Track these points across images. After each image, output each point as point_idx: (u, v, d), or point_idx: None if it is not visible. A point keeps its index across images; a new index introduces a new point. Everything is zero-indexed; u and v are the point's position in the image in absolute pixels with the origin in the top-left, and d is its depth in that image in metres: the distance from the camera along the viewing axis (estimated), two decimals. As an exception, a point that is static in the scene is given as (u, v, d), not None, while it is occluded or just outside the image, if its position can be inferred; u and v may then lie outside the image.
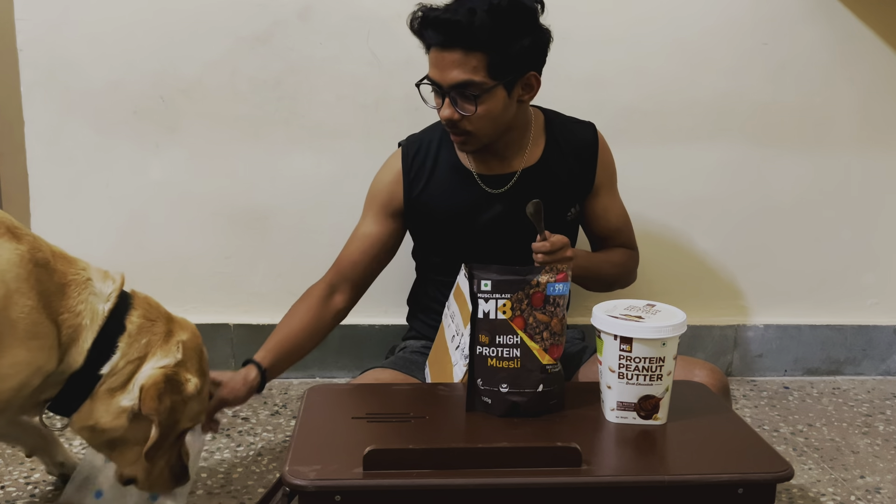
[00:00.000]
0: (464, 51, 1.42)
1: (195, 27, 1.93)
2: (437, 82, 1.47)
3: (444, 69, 1.45)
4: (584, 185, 1.66)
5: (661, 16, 2.01)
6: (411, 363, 1.63)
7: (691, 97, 2.05)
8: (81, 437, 1.27)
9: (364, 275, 1.67)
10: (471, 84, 1.43)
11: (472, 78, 1.43)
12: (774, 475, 1.05)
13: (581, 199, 1.67)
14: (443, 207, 1.62)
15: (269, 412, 1.90)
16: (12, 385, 1.14)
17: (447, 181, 1.62)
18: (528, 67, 1.49)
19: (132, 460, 1.26)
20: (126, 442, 1.24)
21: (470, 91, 1.44)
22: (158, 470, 1.29)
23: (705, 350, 2.19)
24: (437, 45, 1.44)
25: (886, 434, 1.89)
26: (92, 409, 1.21)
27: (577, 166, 1.64)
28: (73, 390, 1.21)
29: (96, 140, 1.96)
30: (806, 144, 2.12)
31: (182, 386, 1.24)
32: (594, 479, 1.03)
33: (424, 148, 1.65)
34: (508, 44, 1.43)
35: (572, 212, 1.65)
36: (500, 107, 1.48)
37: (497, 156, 1.61)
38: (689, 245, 2.15)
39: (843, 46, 2.06)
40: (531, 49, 1.47)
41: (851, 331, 2.23)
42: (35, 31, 1.90)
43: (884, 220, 2.20)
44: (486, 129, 1.50)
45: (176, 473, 1.32)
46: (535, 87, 1.52)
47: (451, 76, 1.44)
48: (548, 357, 1.20)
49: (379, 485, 1.00)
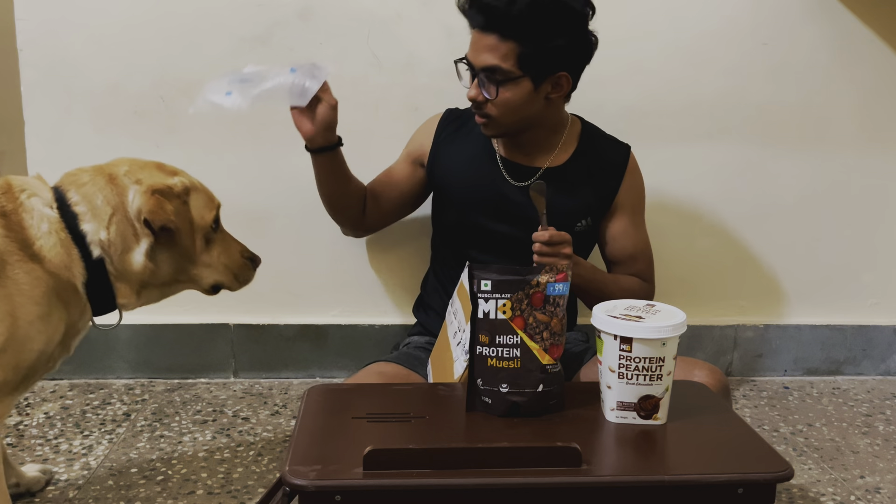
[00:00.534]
0: (499, 36, 1.47)
1: (195, 27, 1.93)
2: (470, 62, 1.53)
3: (479, 51, 1.51)
4: (602, 202, 1.68)
5: (662, 16, 2.01)
6: (414, 358, 1.65)
7: (691, 97, 2.05)
8: (146, 305, 1.34)
9: (385, 198, 1.77)
10: (497, 70, 1.49)
11: (501, 64, 1.48)
12: (774, 475, 1.05)
13: (596, 214, 1.69)
14: (461, 176, 1.68)
15: (269, 412, 1.90)
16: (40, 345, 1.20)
17: (473, 154, 1.68)
18: (560, 67, 1.52)
19: (198, 276, 1.33)
20: (174, 273, 1.32)
21: (496, 76, 1.50)
22: (226, 264, 1.36)
23: (705, 350, 2.19)
24: (478, 26, 1.50)
25: (886, 434, 1.89)
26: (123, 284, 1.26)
27: (600, 181, 1.67)
28: (98, 293, 1.25)
29: (96, 140, 1.96)
30: (806, 144, 2.12)
31: (168, 188, 1.26)
32: (594, 479, 1.03)
33: (464, 118, 1.73)
34: (543, 39, 1.47)
35: (582, 224, 1.67)
36: (523, 98, 1.52)
37: (522, 149, 1.66)
38: (689, 245, 2.15)
39: (843, 46, 2.06)
40: (566, 50, 1.51)
41: (851, 331, 2.23)
42: (35, 31, 1.90)
43: (884, 219, 2.20)
44: (506, 117, 1.55)
45: (248, 254, 1.40)
46: (564, 87, 1.56)
47: (482, 58, 1.50)
48: (548, 357, 1.20)
49: (379, 485, 1.00)
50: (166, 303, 2.11)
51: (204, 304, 2.08)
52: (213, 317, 2.08)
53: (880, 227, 2.20)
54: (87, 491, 1.53)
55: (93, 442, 1.72)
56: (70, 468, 1.61)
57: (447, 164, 1.70)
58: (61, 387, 2.01)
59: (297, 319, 2.09)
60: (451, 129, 1.72)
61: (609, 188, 1.68)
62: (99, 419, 1.84)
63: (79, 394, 1.97)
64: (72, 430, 1.78)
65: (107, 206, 1.24)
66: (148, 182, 1.26)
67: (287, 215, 2.05)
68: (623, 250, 1.71)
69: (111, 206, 1.24)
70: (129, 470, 1.61)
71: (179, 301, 2.06)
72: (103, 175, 1.27)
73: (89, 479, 1.57)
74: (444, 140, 1.72)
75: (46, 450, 1.68)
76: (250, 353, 2.10)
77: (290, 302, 2.10)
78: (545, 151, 1.66)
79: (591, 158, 1.67)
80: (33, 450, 1.68)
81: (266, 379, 2.10)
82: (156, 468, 1.62)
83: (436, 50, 1.95)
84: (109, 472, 1.60)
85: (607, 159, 1.68)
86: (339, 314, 2.10)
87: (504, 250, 1.67)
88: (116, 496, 1.51)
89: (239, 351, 2.09)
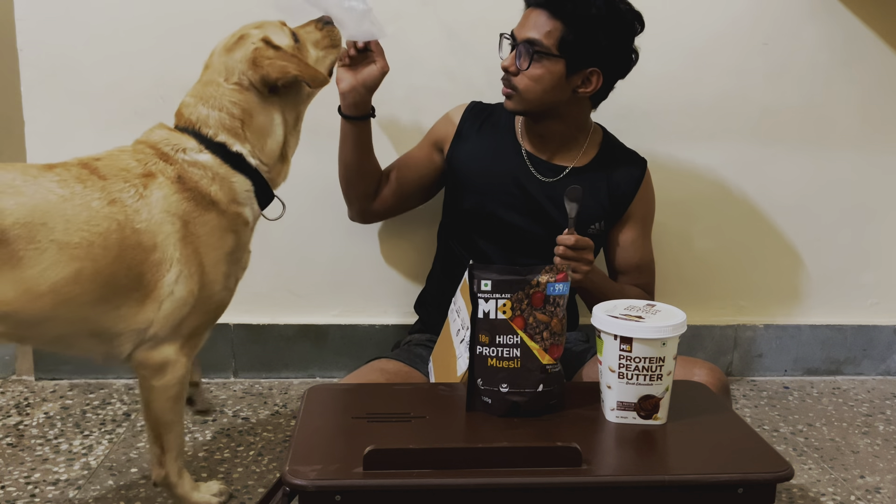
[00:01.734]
0: (549, 14, 1.54)
1: (195, 27, 1.92)
2: (514, 35, 1.59)
3: (527, 25, 1.57)
4: (615, 210, 1.71)
5: (662, 16, 2.00)
6: (416, 356, 1.67)
7: (691, 97, 2.05)
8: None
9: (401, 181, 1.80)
10: (537, 43, 1.54)
11: (543, 39, 1.54)
12: (774, 475, 1.05)
13: (608, 219, 1.72)
14: (483, 163, 1.71)
15: (269, 412, 1.90)
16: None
17: (497, 145, 1.72)
18: (595, 63, 1.57)
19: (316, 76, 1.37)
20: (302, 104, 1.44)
21: (533, 48, 1.54)
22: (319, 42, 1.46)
23: (705, 350, 2.19)
24: (533, 3, 1.57)
25: (886, 434, 1.89)
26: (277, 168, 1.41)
27: (616, 188, 1.70)
28: (260, 193, 1.38)
29: (96, 140, 1.94)
30: (806, 144, 2.11)
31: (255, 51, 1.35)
32: (594, 478, 1.03)
33: (489, 112, 1.76)
34: (587, 31, 1.53)
35: (596, 227, 1.70)
36: (552, 79, 1.56)
37: (547, 145, 1.69)
38: (689, 245, 2.15)
39: (844, 46, 2.06)
40: (606, 50, 1.56)
41: (851, 331, 2.23)
42: (35, 31, 1.90)
43: (884, 220, 2.20)
44: (531, 94, 1.58)
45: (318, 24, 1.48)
46: (594, 84, 1.60)
47: (527, 31, 1.56)
48: (548, 357, 1.20)
49: (379, 485, 1.00)
50: (166, 303, 2.10)
51: (204, 304, 2.09)
52: (213, 317, 2.08)
53: (880, 227, 2.20)
54: (87, 491, 1.53)
55: (93, 442, 1.72)
56: (70, 468, 1.61)
57: (470, 150, 1.73)
58: (61, 387, 2.01)
59: (297, 319, 2.09)
60: (476, 121, 1.75)
61: (624, 196, 1.71)
62: (99, 419, 1.84)
63: (79, 394, 1.97)
64: (72, 430, 1.78)
65: (230, 117, 1.33)
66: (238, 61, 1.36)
67: (287, 215, 2.04)
68: (629, 260, 1.75)
69: (231, 115, 1.33)
70: (129, 470, 1.61)
71: (179, 301, 2.08)
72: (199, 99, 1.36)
73: (89, 478, 1.57)
74: (468, 128, 1.75)
75: (46, 450, 1.68)
76: (250, 353, 2.10)
77: (290, 302, 2.10)
78: (569, 151, 1.70)
79: (609, 165, 1.71)
80: (33, 450, 1.68)
81: (266, 379, 2.10)
82: (156, 468, 1.62)
83: (436, 50, 1.95)
84: (109, 472, 1.60)
85: (625, 169, 1.72)
86: (339, 314, 2.10)
87: (513, 243, 1.70)
88: (116, 496, 1.51)
89: (239, 351, 2.09)
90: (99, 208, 1.21)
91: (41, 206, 1.17)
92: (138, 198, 1.24)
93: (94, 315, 1.22)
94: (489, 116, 1.75)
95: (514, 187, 1.69)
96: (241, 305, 2.08)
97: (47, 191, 1.19)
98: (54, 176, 1.21)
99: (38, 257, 1.15)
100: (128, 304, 1.24)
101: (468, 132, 1.74)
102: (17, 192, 1.17)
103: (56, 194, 1.19)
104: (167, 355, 1.29)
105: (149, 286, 1.24)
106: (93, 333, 1.25)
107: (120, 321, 1.24)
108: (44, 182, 1.20)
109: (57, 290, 1.17)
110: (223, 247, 1.32)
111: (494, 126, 1.74)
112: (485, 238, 1.72)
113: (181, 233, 1.25)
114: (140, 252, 1.22)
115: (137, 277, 1.23)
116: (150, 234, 1.23)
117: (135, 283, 1.23)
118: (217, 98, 1.34)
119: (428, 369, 1.57)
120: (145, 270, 1.23)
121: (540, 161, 1.69)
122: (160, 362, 1.29)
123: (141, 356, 1.28)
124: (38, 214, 1.16)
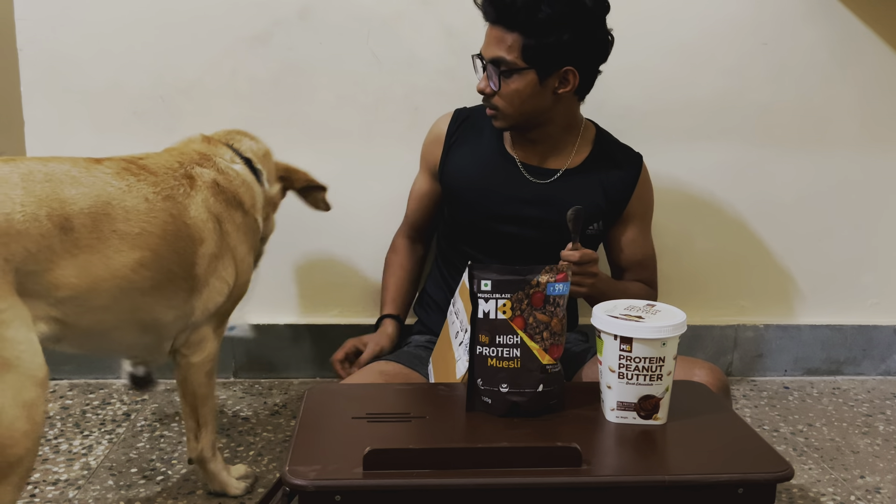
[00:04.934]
0: (504, 29, 1.50)
1: (195, 27, 1.93)
2: (481, 55, 1.57)
3: (488, 44, 1.54)
4: (613, 209, 1.69)
5: (661, 15, 2.01)
6: (415, 357, 1.65)
7: (691, 97, 2.05)
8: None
9: (430, 223, 1.86)
10: (501, 61, 1.51)
11: (505, 56, 1.51)
12: (774, 475, 1.05)
13: (607, 219, 1.70)
14: (474, 177, 1.69)
15: (269, 412, 1.90)
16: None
17: (486, 155, 1.69)
18: (566, 61, 1.52)
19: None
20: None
21: (500, 67, 1.52)
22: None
23: (705, 350, 2.19)
24: (490, 20, 1.54)
25: (886, 434, 1.89)
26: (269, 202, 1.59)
27: (612, 188, 1.68)
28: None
29: (96, 140, 1.96)
30: (806, 144, 2.12)
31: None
32: (594, 479, 1.03)
33: (474, 117, 1.73)
34: (545, 32, 1.48)
35: (594, 227, 1.68)
36: (527, 91, 1.53)
37: (536, 149, 1.66)
38: (689, 245, 2.15)
39: (843, 46, 2.06)
40: (571, 44, 1.50)
41: (851, 331, 2.23)
42: (35, 30, 1.90)
43: (884, 219, 2.20)
44: (512, 109, 1.56)
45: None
46: (571, 82, 1.56)
47: (490, 50, 1.54)
48: (548, 357, 1.20)
49: (379, 485, 1.00)
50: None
51: (204, 304, 2.09)
52: (213, 317, 2.08)
53: (880, 227, 2.20)
54: (87, 491, 1.53)
55: (93, 442, 1.72)
56: (70, 468, 1.61)
57: (460, 164, 1.71)
58: (61, 387, 2.01)
59: (297, 319, 2.09)
60: (462, 131, 1.73)
61: (621, 196, 1.69)
62: (99, 419, 1.84)
63: (79, 394, 1.97)
64: (72, 430, 1.78)
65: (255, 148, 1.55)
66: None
67: (286, 215, 2.05)
68: (631, 257, 1.74)
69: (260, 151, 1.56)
70: (129, 470, 1.61)
71: (179, 301, 2.08)
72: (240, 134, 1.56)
73: (89, 478, 1.57)
74: (456, 142, 1.72)
75: (46, 450, 1.68)
76: (250, 353, 2.10)
77: (290, 302, 2.10)
78: (560, 152, 1.67)
79: (604, 164, 1.68)
80: (33, 450, 1.68)
81: (266, 379, 2.10)
82: (156, 468, 1.62)
83: (436, 50, 1.96)
84: (109, 472, 1.60)
85: (620, 167, 1.70)
86: (339, 314, 2.10)
87: (512, 251, 1.68)
88: (116, 496, 1.51)
89: (239, 351, 2.09)
90: (155, 201, 1.28)
91: (102, 197, 1.22)
92: (186, 195, 1.34)
93: (148, 305, 1.29)
94: (475, 123, 1.72)
95: (507, 197, 1.66)
96: (241, 305, 2.09)
97: (105, 182, 1.24)
98: (106, 169, 1.27)
99: (101, 245, 1.20)
100: (179, 294, 1.33)
101: (456, 146, 1.72)
102: (77, 182, 1.21)
103: (114, 186, 1.25)
104: (204, 334, 1.42)
105: (197, 277, 1.35)
106: (144, 326, 1.32)
107: (170, 310, 1.33)
108: (99, 174, 1.24)
109: (118, 276, 1.23)
110: (248, 242, 1.46)
111: (480, 133, 1.71)
112: (483, 249, 1.70)
113: (220, 229, 1.38)
114: (191, 244, 1.32)
115: (188, 268, 1.33)
116: (198, 228, 1.34)
117: (186, 273, 1.32)
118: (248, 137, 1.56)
119: (427, 370, 1.57)
120: (195, 262, 1.33)
121: (531, 167, 1.66)
122: (198, 340, 1.41)
123: (182, 338, 1.39)
124: (99, 204, 1.21)
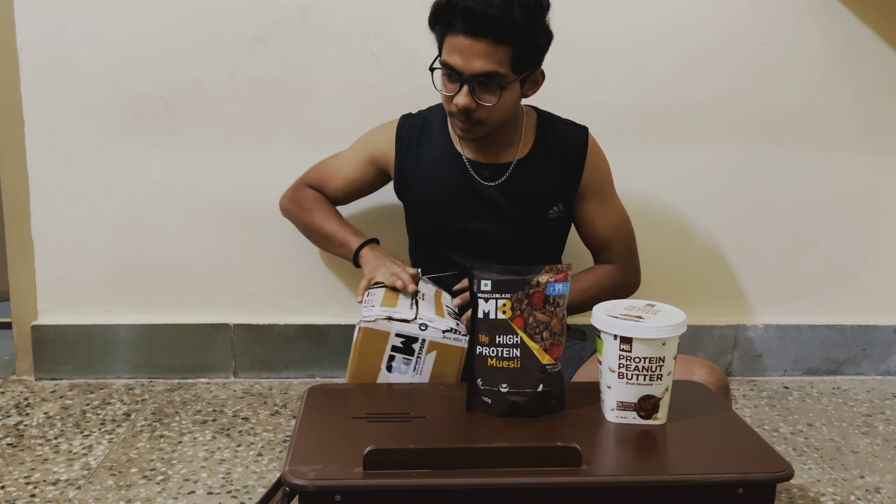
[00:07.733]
0: (493, 42, 1.41)
1: (195, 27, 1.93)
2: (457, 69, 1.45)
3: (470, 58, 1.43)
4: (568, 187, 1.67)
5: (661, 15, 2.01)
6: None
7: (691, 97, 2.05)
8: None
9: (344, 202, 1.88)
10: (496, 75, 1.45)
11: (498, 70, 1.44)
12: (774, 475, 1.05)
13: (564, 199, 1.68)
14: (432, 185, 1.67)
15: (269, 412, 1.90)
16: None
17: (439, 163, 1.67)
18: (539, 64, 1.53)
19: None
20: None
21: (495, 82, 1.45)
22: None
23: (705, 350, 2.19)
24: (466, 32, 1.42)
25: (886, 434, 1.89)
26: None
27: (563, 167, 1.66)
28: None
29: (96, 140, 1.96)
30: (806, 144, 2.12)
31: None
32: (594, 479, 1.03)
33: (422, 122, 1.71)
34: (533, 40, 1.46)
35: (555, 210, 1.67)
36: (514, 100, 1.52)
37: (488, 147, 1.64)
38: (689, 245, 2.15)
39: (843, 46, 2.06)
40: (545, 46, 1.50)
41: (851, 331, 2.23)
42: (35, 31, 1.90)
43: (884, 220, 2.20)
44: (497, 121, 1.53)
45: None
46: (539, 82, 1.56)
47: (475, 65, 1.43)
48: (548, 357, 1.20)
49: (379, 485, 1.00)
50: (166, 303, 2.11)
51: (204, 304, 2.09)
52: (213, 317, 2.08)
53: (880, 227, 2.20)
54: (87, 491, 1.53)
55: (93, 442, 1.72)
56: (70, 468, 1.61)
57: (415, 173, 1.69)
58: (61, 387, 2.01)
59: (297, 319, 2.09)
60: (412, 138, 1.70)
61: (573, 173, 1.66)
62: (99, 419, 1.84)
63: (79, 394, 1.97)
64: (72, 430, 1.78)
65: None
66: None
67: (287, 215, 2.05)
68: (595, 233, 1.70)
69: None
70: (129, 470, 1.61)
71: (179, 301, 2.08)
72: None
73: (89, 478, 1.57)
74: (406, 150, 1.70)
75: (46, 450, 1.68)
76: (250, 353, 2.10)
77: (290, 302, 2.10)
78: (508, 146, 1.64)
79: (551, 145, 1.65)
80: (33, 450, 1.68)
81: (266, 379, 2.10)
82: (156, 468, 1.62)
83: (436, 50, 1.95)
84: (109, 472, 1.60)
85: (567, 144, 1.66)
86: (339, 314, 2.10)
87: (484, 248, 1.68)
88: (116, 496, 1.51)
89: (239, 351, 2.09)
90: None
91: None
92: None
93: None
94: (423, 128, 1.70)
95: (467, 197, 1.65)
96: (241, 305, 2.10)
97: None
98: None
99: None
100: None
101: (408, 154, 1.70)
102: None
103: None
104: None
105: None
106: None
107: None
108: None
109: None
110: None
111: (430, 137, 1.68)
112: (456, 250, 1.69)
113: None
114: None
115: None
116: None
117: None
118: None
119: None
120: None
121: (484, 164, 1.64)
122: None
123: None
124: None
